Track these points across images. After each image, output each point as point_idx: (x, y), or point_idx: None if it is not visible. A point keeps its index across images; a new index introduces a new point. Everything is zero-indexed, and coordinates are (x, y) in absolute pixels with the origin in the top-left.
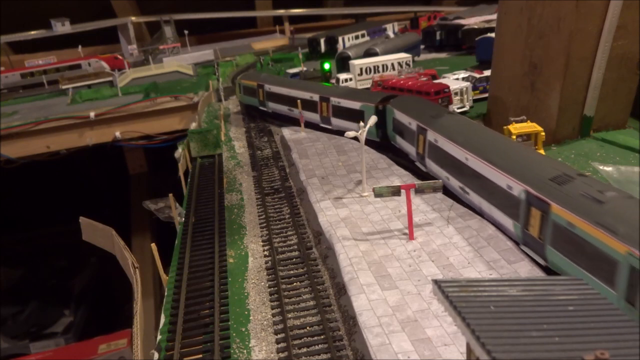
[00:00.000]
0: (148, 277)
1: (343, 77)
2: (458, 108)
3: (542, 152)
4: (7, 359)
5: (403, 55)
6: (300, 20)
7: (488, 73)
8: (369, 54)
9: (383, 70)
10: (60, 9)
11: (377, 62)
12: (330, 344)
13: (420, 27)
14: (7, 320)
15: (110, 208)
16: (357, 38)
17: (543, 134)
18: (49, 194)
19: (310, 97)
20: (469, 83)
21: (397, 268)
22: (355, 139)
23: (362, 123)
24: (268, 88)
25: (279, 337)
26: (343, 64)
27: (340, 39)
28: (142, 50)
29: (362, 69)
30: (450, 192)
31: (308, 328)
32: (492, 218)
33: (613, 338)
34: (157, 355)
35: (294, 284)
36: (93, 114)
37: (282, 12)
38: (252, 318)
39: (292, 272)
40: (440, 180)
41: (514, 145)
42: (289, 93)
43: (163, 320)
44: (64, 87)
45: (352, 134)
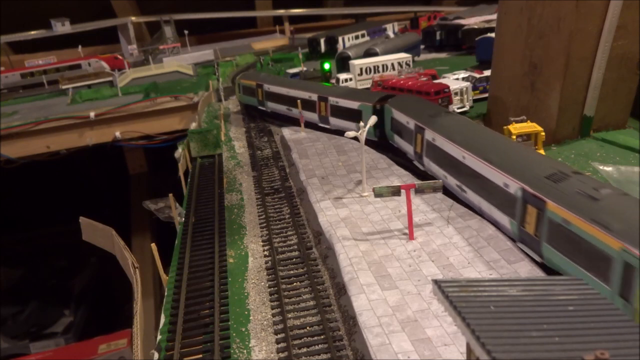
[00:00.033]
0: (148, 277)
1: (343, 77)
2: (458, 108)
3: (542, 152)
4: (7, 359)
5: (403, 55)
6: (300, 20)
7: (488, 73)
8: (369, 54)
9: (383, 70)
10: (60, 9)
11: (377, 62)
12: (330, 344)
13: (420, 27)
14: (7, 320)
15: (110, 208)
16: (357, 38)
17: (543, 134)
18: (49, 194)
19: (309, 96)
20: (469, 83)
21: (397, 268)
22: (355, 139)
23: (362, 123)
24: (267, 88)
25: (279, 337)
26: (343, 64)
27: (340, 39)
28: (142, 50)
29: (362, 69)
30: (450, 192)
31: (308, 328)
32: (488, 216)
33: (613, 338)
34: (157, 355)
35: (294, 284)
36: (93, 114)
37: (282, 12)
38: (252, 318)
39: (292, 272)
40: (440, 181)
41: (511, 144)
42: (288, 93)
43: (163, 320)
44: (64, 87)
45: (352, 134)
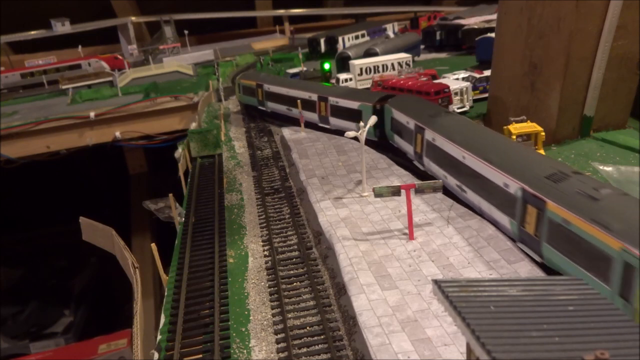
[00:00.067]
0: (148, 277)
1: (343, 77)
2: (458, 108)
3: (542, 152)
4: (7, 359)
5: (403, 55)
6: (300, 20)
7: (488, 73)
8: (369, 54)
9: (383, 70)
10: (60, 9)
11: (377, 62)
12: (330, 344)
13: (420, 27)
14: (7, 320)
15: (110, 208)
16: (357, 38)
17: (543, 134)
18: (49, 194)
19: (309, 96)
20: (469, 83)
21: (397, 268)
22: (355, 139)
23: (362, 123)
24: (267, 88)
25: (279, 337)
26: (343, 64)
27: (340, 39)
28: (142, 50)
29: (362, 69)
30: (450, 192)
31: (308, 328)
32: (488, 216)
33: (613, 338)
34: (157, 355)
35: (294, 284)
36: (93, 114)
37: (282, 12)
38: (252, 318)
39: (292, 272)
40: (440, 181)
41: (511, 144)
42: (288, 93)
43: (163, 320)
44: (64, 87)
45: (352, 134)
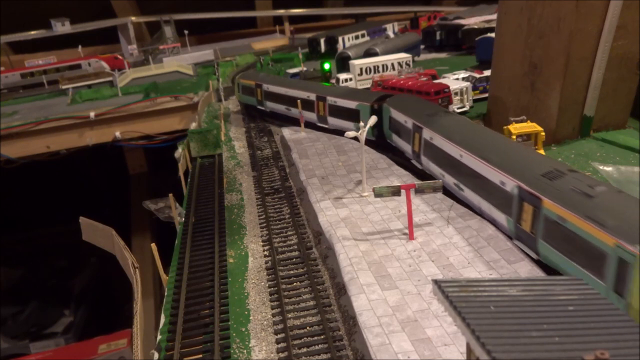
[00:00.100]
0: (148, 277)
1: (343, 77)
2: (458, 108)
3: (542, 152)
4: (7, 359)
5: (403, 55)
6: (300, 20)
7: (488, 73)
8: (369, 54)
9: (383, 70)
10: (60, 9)
11: (377, 62)
12: (330, 344)
13: (420, 27)
14: (7, 320)
15: (110, 208)
16: (357, 38)
17: (543, 134)
18: (49, 194)
19: (307, 96)
20: (469, 83)
21: (397, 268)
22: (355, 139)
23: (362, 123)
24: (266, 87)
25: (279, 337)
26: (343, 64)
27: (340, 39)
28: (142, 50)
29: (362, 69)
30: (450, 192)
31: (308, 328)
32: (485, 213)
33: (613, 338)
34: (157, 355)
35: (294, 284)
36: (93, 114)
37: (282, 12)
38: (252, 318)
39: (292, 272)
40: (440, 181)
41: (507, 143)
42: (287, 92)
43: (163, 320)
44: (64, 87)
45: (352, 134)
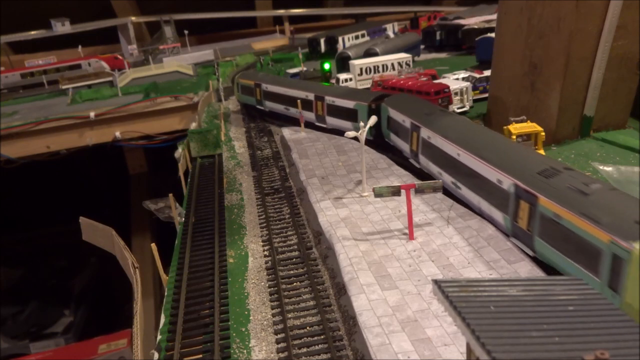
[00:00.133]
0: (148, 277)
1: (343, 77)
2: (458, 108)
3: (542, 152)
4: (7, 359)
5: (403, 55)
6: (300, 20)
7: (488, 73)
8: (369, 54)
9: (383, 70)
10: (60, 9)
11: (377, 62)
12: (330, 344)
13: (420, 27)
14: (7, 320)
15: (110, 208)
16: (357, 38)
17: (543, 134)
18: (49, 194)
19: (306, 96)
20: (469, 83)
21: (397, 268)
22: (355, 139)
23: (361, 123)
24: (265, 87)
25: (279, 337)
26: (343, 64)
27: (340, 39)
28: (142, 50)
29: (362, 69)
30: (450, 192)
31: (308, 328)
32: (482, 211)
33: (613, 338)
34: (157, 355)
35: (294, 284)
36: (93, 114)
37: (282, 12)
38: (252, 318)
39: (292, 272)
40: (440, 181)
41: (504, 141)
42: (286, 92)
43: (163, 320)
44: (64, 87)
45: (352, 134)
